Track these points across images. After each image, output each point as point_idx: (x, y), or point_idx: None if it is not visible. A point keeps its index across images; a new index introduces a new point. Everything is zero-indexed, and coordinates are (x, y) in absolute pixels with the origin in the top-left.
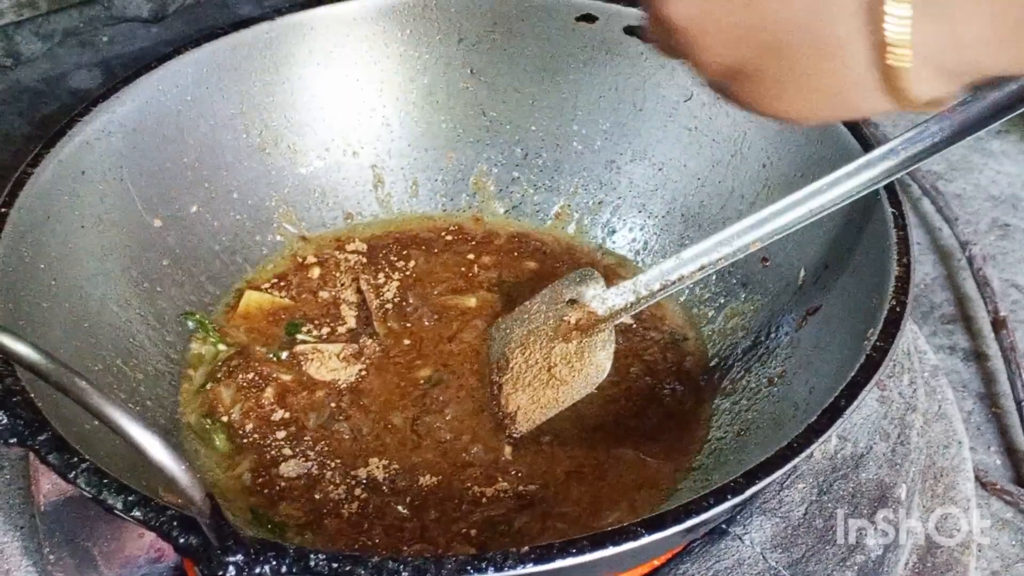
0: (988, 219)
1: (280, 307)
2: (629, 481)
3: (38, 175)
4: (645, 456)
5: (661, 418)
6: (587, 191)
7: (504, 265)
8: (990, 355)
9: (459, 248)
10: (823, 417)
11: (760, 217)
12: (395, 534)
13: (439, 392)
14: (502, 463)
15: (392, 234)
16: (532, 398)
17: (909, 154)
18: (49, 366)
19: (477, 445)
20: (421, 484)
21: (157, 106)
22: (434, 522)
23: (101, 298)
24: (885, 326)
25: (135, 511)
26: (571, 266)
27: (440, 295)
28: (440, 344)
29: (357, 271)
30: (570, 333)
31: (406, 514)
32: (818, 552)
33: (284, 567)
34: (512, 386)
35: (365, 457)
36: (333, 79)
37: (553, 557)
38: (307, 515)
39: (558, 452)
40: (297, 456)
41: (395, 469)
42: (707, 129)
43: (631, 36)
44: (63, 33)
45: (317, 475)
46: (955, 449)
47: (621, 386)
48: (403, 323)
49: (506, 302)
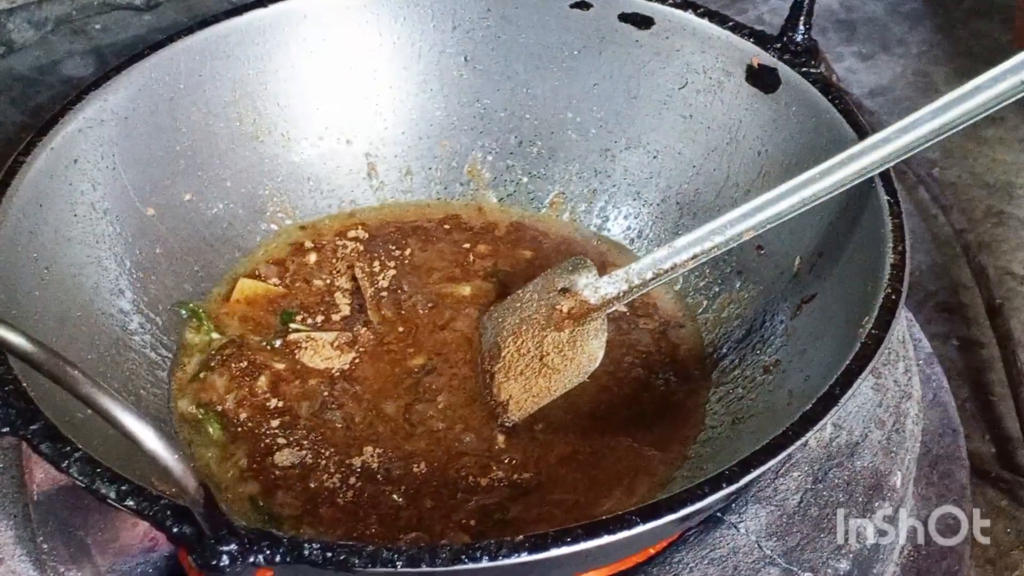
0: (983, 207)
1: (274, 295)
2: (624, 469)
3: (30, 163)
4: (639, 444)
5: (655, 407)
6: (582, 179)
7: (500, 254)
8: (985, 343)
9: (455, 237)
10: (818, 405)
11: (753, 206)
12: (391, 523)
13: (432, 380)
14: (496, 451)
15: (388, 223)
16: (524, 387)
17: (903, 143)
18: (41, 355)
19: (470, 434)
20: (415, 472)
21: (150, 94)
22: (430, 510)
23: (94, 287)
24: (880, 314)
25: (128, 500)
26: (566, 254)
27: (435, 283)
28: (434, 332)
29: (352, 259)
30: (562, 322)
31: (401, 503)
32: (813, 540)
33: (278, 556)
34: (504, 375)
35: (359, 446)
36: (326, 66)
37: (548, 546)
38: (303, 504)
39: (552, 440)
40: (291, 445)
41: (389, 457)
42: (702, 117)
43: (625, 23)
44: (56, 21)
45: (311, 464)
46: (950, 437)
47: (615, 375)
48: (397, 311)
49: (501, 290)
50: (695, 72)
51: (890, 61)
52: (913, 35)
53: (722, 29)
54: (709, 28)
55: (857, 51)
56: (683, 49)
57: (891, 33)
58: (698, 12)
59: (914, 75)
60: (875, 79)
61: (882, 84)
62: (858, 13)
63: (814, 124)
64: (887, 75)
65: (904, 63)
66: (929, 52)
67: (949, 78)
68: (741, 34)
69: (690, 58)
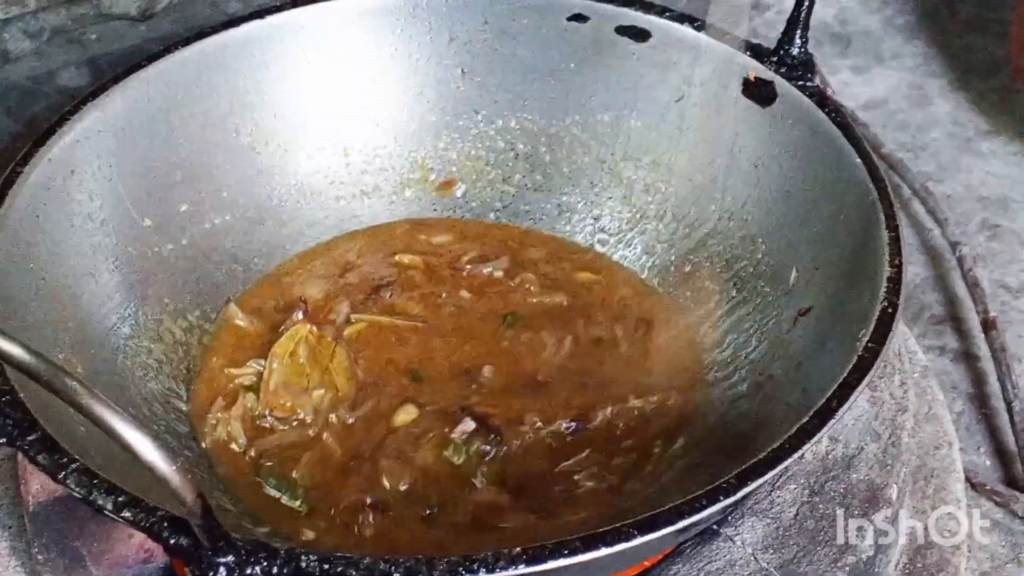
0: (978, 220)
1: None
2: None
3: (27, 174)
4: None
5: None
6: (578, 191)
7: (496, 264)
8: (980, 356)
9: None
10: (815, 418)
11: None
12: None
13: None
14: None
15: (386, 234)
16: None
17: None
18: (38, 366)
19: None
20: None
21: (147, 105)
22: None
23: (90, 297)
24: (877, 327)
25: (125, 512)
26: (560, 266)
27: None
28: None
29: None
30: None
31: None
32: (809, 553)
33: (275, 568)
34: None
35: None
36: (323, 78)
37: (545, 558)
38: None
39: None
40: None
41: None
42: (699, 129)
43: (622, 36)
44: (51, 31)
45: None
46: (945, 450)
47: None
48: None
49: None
50: (692, 85)
51: (885, 74)
52: (908, 48)
53: (719, 42)
54: (706, 41)
55: (852, 64)
56: (680, 62)
57: (886, 46)
58: (695, 25)
59: (909, 88)
60: (870, 92)
61: (877, 97)
62: (853, 26)
63: (810, 137)
64: (882, 88)
65: (899, 76)
66: (924, 65)
67: (943, 91)
68: (737, 47)
69: (687, 71)
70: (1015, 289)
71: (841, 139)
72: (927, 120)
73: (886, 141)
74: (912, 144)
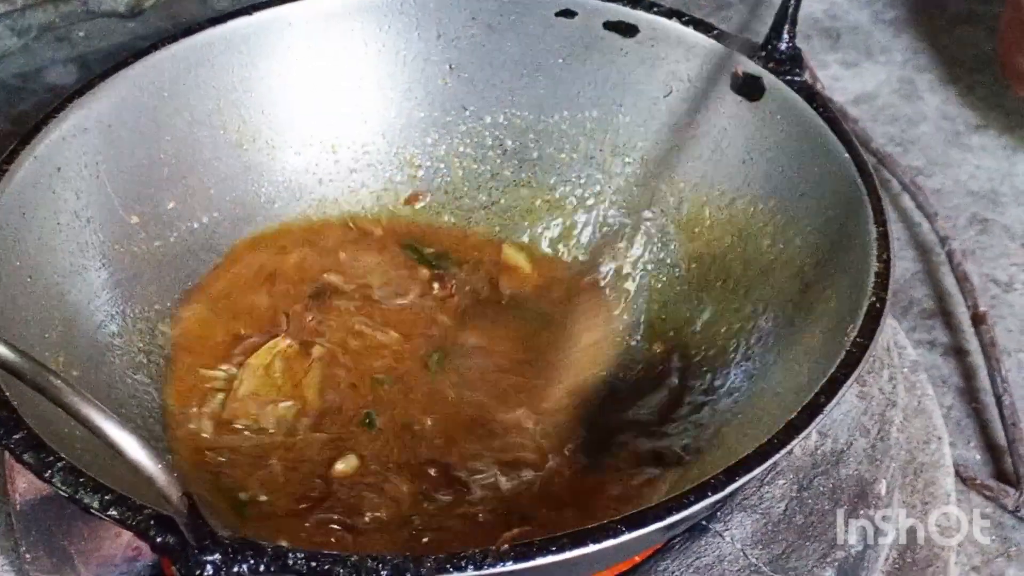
0: (967, 214)
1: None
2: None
3: (13, 172)
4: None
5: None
6: (567, 187)
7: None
8: (970, 350)
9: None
10: (803, 413)
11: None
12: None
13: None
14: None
15: (372, 230)
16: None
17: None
18: (24, 365)
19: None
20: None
21: (134, 102)
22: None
23: (77, 295)
24: (865, 322)
25: (111, 510)
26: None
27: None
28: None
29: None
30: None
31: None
32: (798, 548)
33: (262, 566)
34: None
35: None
36: (311, 75)
37: (533, 555)
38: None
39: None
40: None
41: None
42: (687, 125)
43: (610, 32)
44: (39, 28)
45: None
46: (935, 445)
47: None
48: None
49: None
50: (680, 80)
51: (874, 68)
52: (897, 42)
53: (707, 37)
54: (694, 36)
55: (842, 59)
56: (668, 57)
57: (875, 41)
58: (683, 20)
59: (899, 82)
60: (859, 86)
61: (866, 91)
62: (842, 21)
63: (799, 132)
64: (871, 82)
65: (888, 70)
66: (913, 59)
67: (933, 85)
68: (725, 42)
69: (675, 66)
70: (1005, 283)
71: (829, 134)
72: (916, 114)
73: (875, 135)
74: (901, 138)
